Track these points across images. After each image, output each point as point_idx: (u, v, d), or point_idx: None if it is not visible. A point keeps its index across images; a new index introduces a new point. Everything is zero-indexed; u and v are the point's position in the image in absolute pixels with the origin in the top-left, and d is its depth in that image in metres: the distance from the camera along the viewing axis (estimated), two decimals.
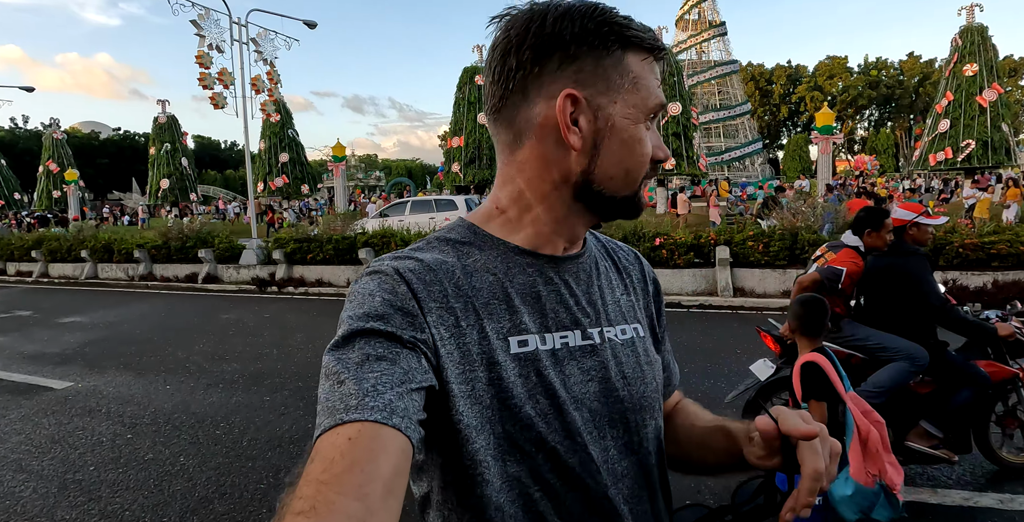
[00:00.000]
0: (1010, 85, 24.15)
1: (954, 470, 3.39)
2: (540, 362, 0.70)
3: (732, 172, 43.55)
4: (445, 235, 0.77)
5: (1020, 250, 7.84)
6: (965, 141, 20.30)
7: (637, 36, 0.70)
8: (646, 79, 0.71)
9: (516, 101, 0.72)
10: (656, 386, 0.82)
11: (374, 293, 0.66)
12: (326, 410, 0.57)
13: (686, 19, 46.36)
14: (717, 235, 9.30)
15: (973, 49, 20.40)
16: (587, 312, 0.77)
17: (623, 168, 0.72)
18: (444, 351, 0.66)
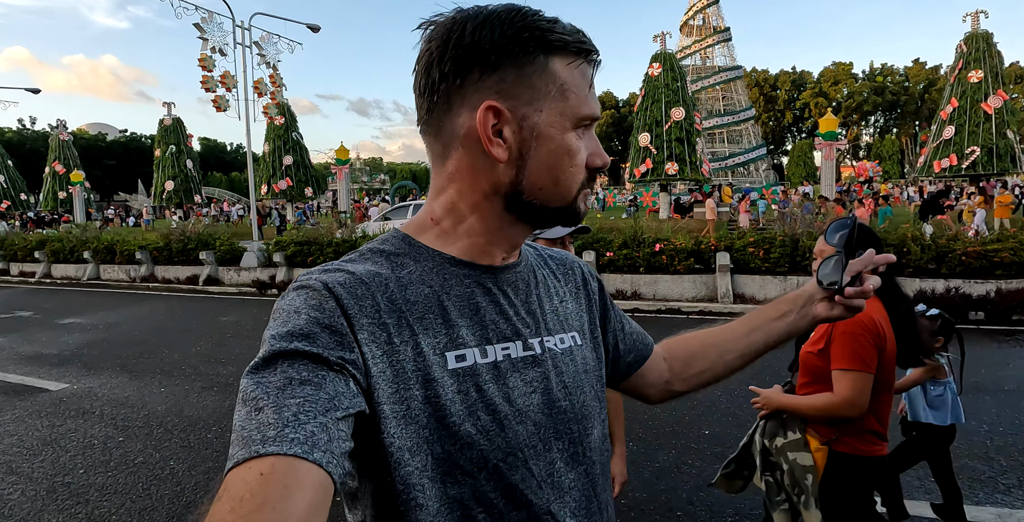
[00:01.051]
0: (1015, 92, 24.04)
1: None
2: (479, 377, 0.68)
3: (736, 178, 43.45)
4: (379, 246, 0.75)
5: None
6: (970, 148, 20.19)
7: (561, 39, 0.67)
8: (575, 85, 0.69)
9: (441, 113, 0.70)
10: (595, 394, 0.81)
11: (300, 310, 0.62)
12: (240, 440, 0.52)
13: (690, 24, 46.40)
14: (717, 241, 9.25)
15: (978, 56, 20.32)
16: (527, 322, 0.75)
17: (552, 178, 0.70)
18: (376, 370, 0.62)
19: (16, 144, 53.08)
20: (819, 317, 0.89)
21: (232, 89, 13.27)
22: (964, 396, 4.62)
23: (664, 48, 22.39)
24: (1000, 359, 5.81)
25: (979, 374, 5.29)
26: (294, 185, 28.43)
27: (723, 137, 45.55)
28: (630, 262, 9.28)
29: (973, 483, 3.34)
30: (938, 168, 21.30)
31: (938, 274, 8.10)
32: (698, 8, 45.43)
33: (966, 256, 7.95)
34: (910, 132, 61.27)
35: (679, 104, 21.53)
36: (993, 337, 6.74)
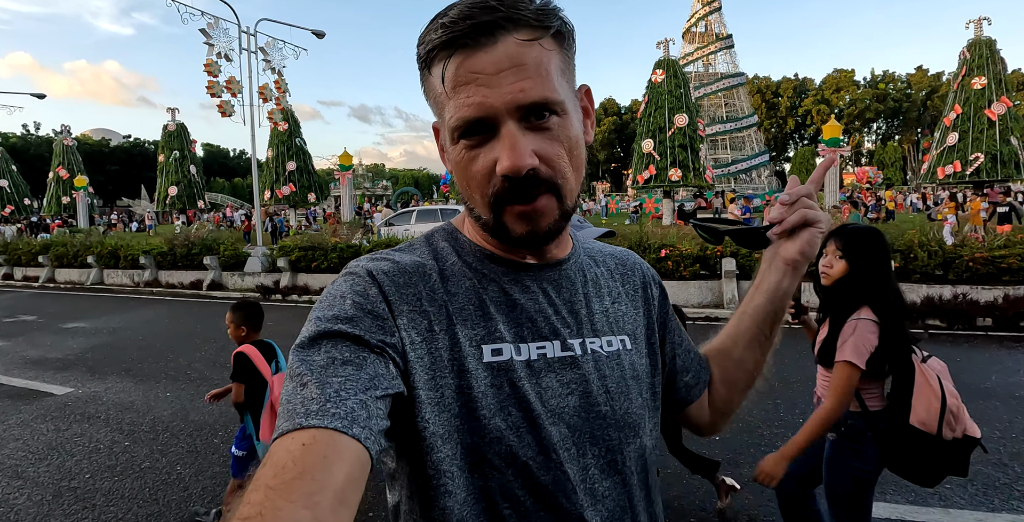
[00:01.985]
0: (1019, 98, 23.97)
1: (967, 489, 3.31)
2: (514, 372, 0.67)
3: (739, 184, 43.47)
4: (429, 237, 0.77)
5: None
6: (974, 154, 20.19)
7: (428, 49, 0.64)
8: (442, 95, 0.64)
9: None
10: (643, 402, 0.77)
11: (345, 295, 0.65)
12: (286, 413, 0.55)
13: (693, 32, 46.54)
14: (723, 247, 9.23)
15: (981, 62, 20.34)
16: (568, 322, 0.73)
17: (466, 191, 0.69)
18: (414, 355, 0.63)
19: (20, 149, 53.32)
20: (784, 258, 0.84)
21: (237, 94, 13.31)
22: (975, 403, 4.62)
23: (667, 55, 22.46)
24: (1010, 366, 5.77)
25: (989, 381, 5.26)
26: (297, 191, 28.51)
27: (726, 144, 45.58)
28: None
29: (988, 490, 3.31)
30: (942, 174, 21.29)
31: (945, 280, 8.06)
32: (700, 15, 45.57)
33: (973, 262, 7.91)
34: (912, 139, 61.32)
35: (682, 110, 21.57)
36: (1002, 343, 6.71)
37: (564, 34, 0.66)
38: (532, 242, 0.68)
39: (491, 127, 0.62)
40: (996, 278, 7.85)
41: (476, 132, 0.63)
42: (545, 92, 0.61)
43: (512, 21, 0.60)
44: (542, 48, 0.62)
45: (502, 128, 0.62)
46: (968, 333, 7.25)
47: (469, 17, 0.60)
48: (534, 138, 0.62)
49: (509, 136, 0.61)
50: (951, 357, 6.08)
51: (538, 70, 0.61)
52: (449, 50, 0.61)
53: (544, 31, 0.63)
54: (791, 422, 4.34)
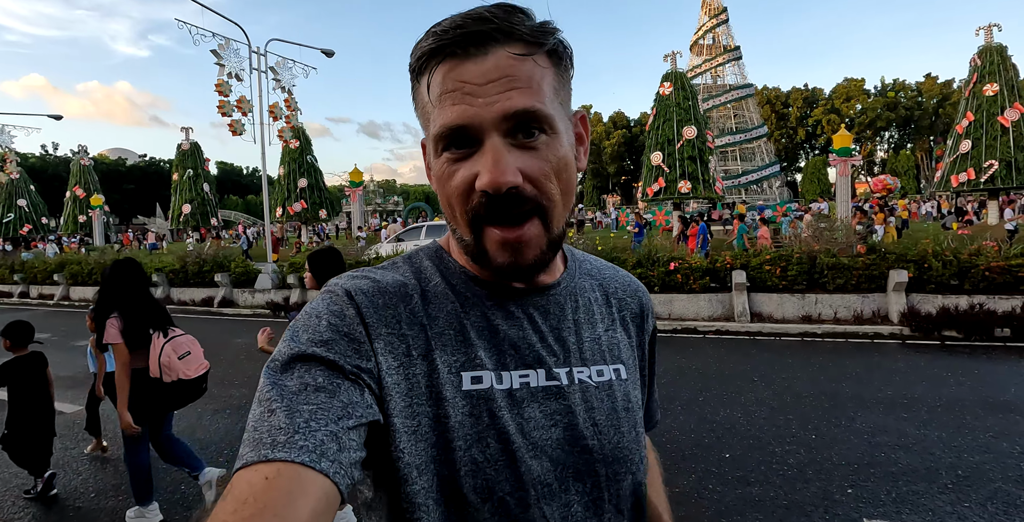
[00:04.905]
0: None
1: (987, 508, 3.19)
2: (494, 402, 0.63)
3: (749, 195, 43.25)
4: (413, 255, 0.74)
5: None
6: (988, 162, 19.98)
7: (418, 57, 0.62)
8: (428, 104, 0.62)
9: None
10: (636, 436, 0.73)
11: (321, 315, 0.62)
12: (251, 441, 0.52)
13: (700, 44, 46.66)
14: (733, 259, 9.15)
15: (993, 69, 20.22)
16: (554, 351, 0.69)
17: (447, 208, 0.65)
18: (390, 381, 0.61)
19: (39, 169, 54.36)
20: None
21: (248, 113, 13.50)
22: (994, 416, 4.50)
23: (675, 67, 22.50)
24: None
25: (1008, 393, 5.13)
26: (309, 207, 28.75)
27: (736, 155, 45.44)
28: (644, 281, 9.18)
29: (1009, 509, 3.19)
30: (956, 183, 21.08)
31: (961, 290, 7.92)
32: (708, 28, 45.72)
33: (989, 271, 7.77)
34: (925, 147, 60.82)
35: (691, 122, 21.55)
36: (1021, 354, 6.55)
37: (560, 54, 0.63)
38: (515, 274, 0.64)
39: (475, 141, 0.59)
40: (1014, 287, 7.70)
41: (459, 144, 0.60)
42: (534, 102, 0.58)
43: (506, 34, 0.58)
44: (535, 64, 0.60)
45: (486, 141, 0.59)
46: (986, 344, 7.09)
47: (461, 26, 0.58)
48: (520, 155, 0.59)
49: (493, 150, 0.58)
50: (969, 369, 5.95)
51: (529, 82, 0.59)
52: (438, 58, 0.59)
53: (538, 47, 0.60)
54: (803, 438, 4.24)
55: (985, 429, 4.31)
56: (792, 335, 8.00)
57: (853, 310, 8.35)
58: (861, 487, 3.47)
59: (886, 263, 8.25)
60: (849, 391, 5.35)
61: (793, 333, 8.05)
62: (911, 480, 3.55)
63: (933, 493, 3.38)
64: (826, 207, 27.76)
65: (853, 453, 3.97)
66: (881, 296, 8.27)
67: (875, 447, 4.05)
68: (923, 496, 3.35)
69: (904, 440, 4.15)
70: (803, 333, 8.02)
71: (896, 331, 7.72)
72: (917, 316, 7.70)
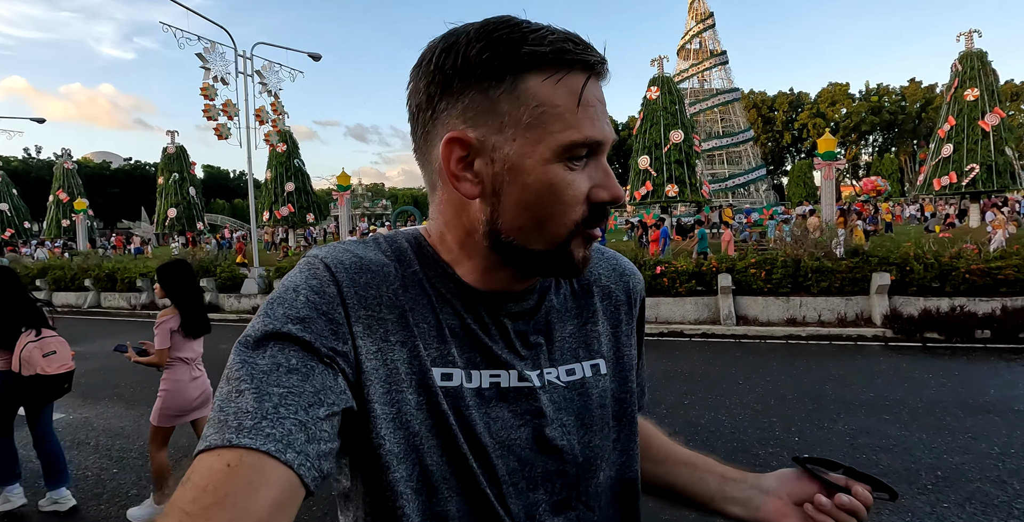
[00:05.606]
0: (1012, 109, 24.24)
1: (965, 508, 3.24)
2: (463, 400, 0.63)
3: (736, 199, 43.58)
4: (393, 236, 0.71)
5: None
6: (969, 165, 20.29)
7: (533, 53, 0.57)
8: (557, 107, 0.58)
9: (423, 144, 0.66)
10: (609, 431, 0.73)
11: (299, 289, 0.60)
12: (217, 422, 0.50)
13: (687, 48, 47.00)
14: (719, 263, 9.22)
15: (973, 74, 20.55)
16: (525, 354, 0.69)
17: (533, 217, 0.61)
18: (369, 366, 0.59)
19: (22, 173, 53.66)
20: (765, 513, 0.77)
21: (234, 117, 13.42)
22: (974, 417, 4.57)
23: (662, 72, 22.68)
24: (1009, 379, 5.71)
25: (987, 394, 5.20)
26: (296, 211, 28.61)
27: (722, 158, 45.77)
28: None
29: (987, 509, 3.24)
30: (938, 186, 21.39)
31: (942, 292, 8.04)
32: (695, 32, 46.07)
33: (970, 274, 7.90)
34: (908, 151, 61.60)
35: (678, 127, 21.71)
36: (1001, 356, 6.65)
37: None
38: (582, 269, 0.65)
39: (589, 156, 0.61)
40: (993, 289, 7.83)
41: (581, 157, 0.60)
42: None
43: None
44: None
45: (601, 159, 0.62)
46: (966, 346, 7.20)
47: (589, 46, 0.60)
48: None
49: (606, 167, 0.62)
50: (949, 371, 6.03)
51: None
52: (569, 67, 0.59)
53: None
54: (787, 441, 4.28)
55: (964, 430, 4.38)
56: (777, 338, 8.07)
57: (837, 313, 8.43)
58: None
59: (869, 266, 8.35)
60: (832, 393, 5.40)
61: (778, 336, 8.12)
62: (892, 481, 3.54)
63: (913, 494, 3.43)
64: (812, 210, 28.01)
65: (835, 455, 3.99)
66: (864, 299, 8.36)
67: (857, 449, 4.10)
68: (903, 497, 3.39)
69: (886, 442, 4.20)
70: (788, 336, 8.10)
71: (879, 333, 7.81)
72: (899, 318, 7.80)
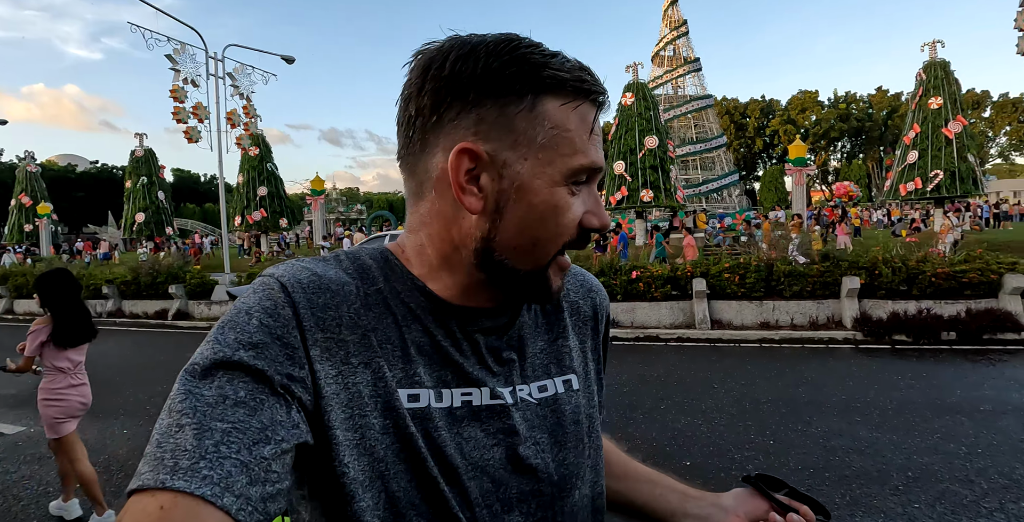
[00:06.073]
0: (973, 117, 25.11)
1: (935, 508, 3.29)
2: (432, 422, 0.61)
3: (710, 203, 44.20)
4: (356, 253, 0.68)
5: (991, 278, 7.94)
6: (934, 172, 20.85)
7: (554, 77, 0.59)
8: (569, 130, 0.60)
9: (416, 150, 0.64)
10: (582, 449, 0.72)
11: (252, 312, 0.57)
12: (152, 459, 0.48)
13: (662, 55, 47.63)
14: (693, 267, 9.30)
15: (937, 83, 21.15)
16: (497, 370, 0.67)
17: (531, 237, 0.61)
18: (329, 391, 0.57)
19: None
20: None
21: (204, 120, 13.18)
22: (942, 418, 4.66)
23: (636, 78, 22.93)
24: (975, 379, 5.85)
25: (955, 395, 5.32)
26: (269, 216, 28.21)
27: (696, 164, 46.40)
28: (607, 290, 9.25)
29: (956, 509, 3.30)
30: (904, 191, 21.93)
31: (910, 295, 8.22)
32: (669, 40, 46.71)
33: (935, 277, 8.09)
34: (875, 157, 63.16)
35: (652, 132, 21.95)
36: (966, 357, 6.82)
37: None
38: (555, 297, 0.67)
39: (587, 181, 0.63)
40: (958, 292, 8.03)
41: (581, 182, 0.63)
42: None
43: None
44: None
45: (594, 185, 0.65)
46: (933, 348, 7.36)
47: (599, 80, 0.63)
48: None
49: (597, 195, 0.65)
50: (917, 372, 6.16)
51: None
52: (584, 96, 0.61)
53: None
54: (762, 445, 4.31)
55: (933, 431, 4.46)
56: (751, 341, 8.16)
57: (809, 316, 8.57)
58: (816, 491, 3.53)
59: (839, 270, 8.51)
60: (805, 396, 5.47)
61: (752, 339, 8.22)
62: (864, 483, 3.64)
63: (885, 495, 3.47)
64: (783, 215, 28.54)
65: (809, 458, 4.06)
66: (835, 302, 8.51)
67: (830, 451, 4.15)
68: (875, 498, 3.43)
69: (857, 443, 4.26)
70: (761, 339, 8.20)
71: (849, 336, 7.95)
72: (869, 321, 7.95)
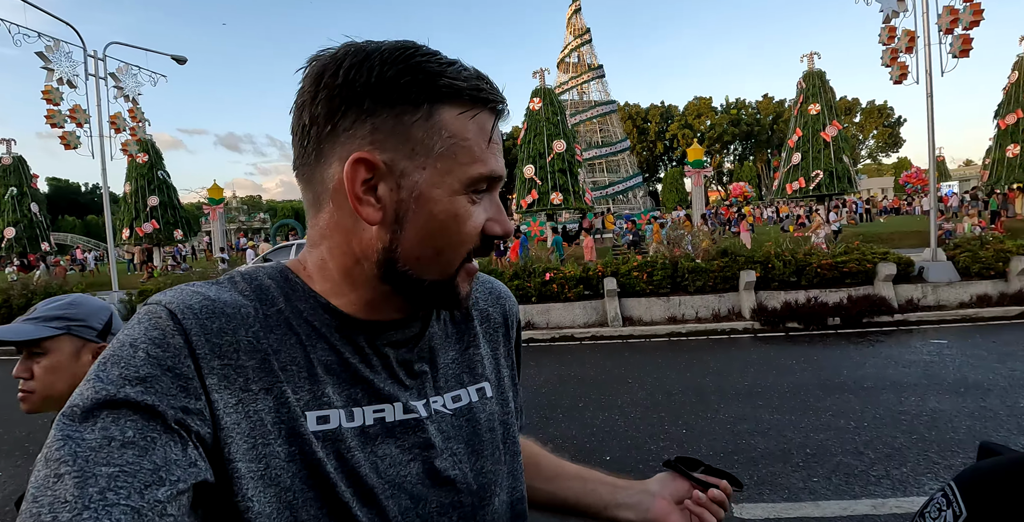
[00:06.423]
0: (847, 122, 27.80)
1: (831, 481, 3.55)
2: (344, 442, 0.58)
3: (616, 205, 45.80)
4: (252, 274, 0.64)
5: (867, 267, 8.75)
6: (815, 172, 22.76)
7: (451, 85, 0.58)
8: (467, 139, 0.59)
9: (311, 160, 0.61)
10: (500, 456, 0.71)
11: (138, 344, 0.52)
12: (29, 517, 0.42)
13: (567, 62, 48.90)
14: (604, 267, 9.58)
15: (815, 91, 23.13)
16: (409, 383, 0.65)
17: (432, 247, 0.60)
18: (229, 421, 0.53)
19: None
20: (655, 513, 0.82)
21: (84, 125, 12.10)
22: (832, 397, 5.05)
23: (543, 84, 23.39)
24: (858, 359, 6.40)
25: (842, 375, 5.79)
26: (161, 228, 26.35)
27: (603, 167, 47.94)
28: (522, 293, 9.36)
29: (849, 478, 3.57)
30: (790, 190, 23.80)
31: (799, 286, 8.89)
32: (573, 47, 48.03)
33: (821, 268, 8.82)
34: (764, 159, 67.90)
35: (560, 137, 22.47)
36: (850, 340, 7.44)
37: None
38: (465, 304, 0.66)
39: (488, 189, 0.63)
40: (840, 281, 8.79)
41: (483, 190, 0.62)
42: None
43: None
44: None
45: (495, 193, 0.64)
46: (821, 332, 7.99)
47: (497, 88, 0.62)
48: None
49: (499, 202, 0.64)
50: (809, 356, 6.65)
51: None
52: (482, 105, 0.61)
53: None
54: (675, 434, 4.49)
55: (826, 409, 4.82)
56: (660, 336, 8.51)
57: (712, 309, 9.06)
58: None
59: (737, 265, 9.06)
60: (712, 385, 5.76)
61: (661, 334, 8.57)
62: (769, 462, 3.87)
63: (788, 472, 3.71)
64: (684, 214, 30.06)
65: (719, 443, 4.27)
66: (735, 295, 9.05)
67: (737, 435, 4.39)
68: (780, 476, 3.66)
69: (761, 426, 4.53)
70: (670, 333, 8.57)
71: (749, 326, 8.47)
72: (765, 311, 8.52)
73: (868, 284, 8.79)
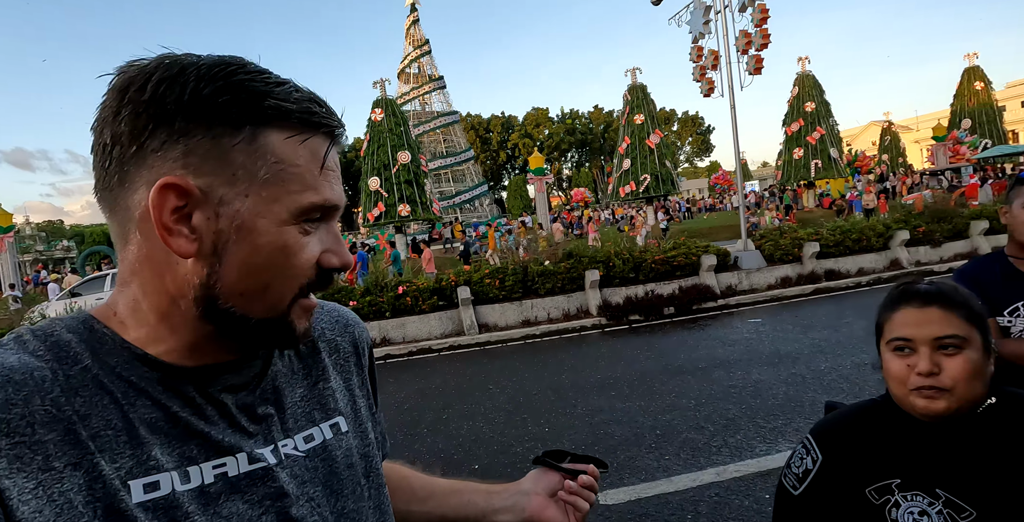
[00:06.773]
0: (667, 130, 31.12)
1: (680, 456, 3.85)
2: (179, 509, 0.50)
3: (464, 214, 46.46)
4: (45, 330, 0.54)
5: (693, 260, 9.71)
6: (643, 176, 24.93)
7: (278, 107, 0.53)
8: (297, 166, 0.54)
9: (114, 184, 0.53)
10: (362, 492, 0.66)
11: None
12: None
13: (407, 72, 48.81)
14: (457, 276, 9.63)
15: (639, 102, 25.38)
16: (253, 429, 0.59)
17: (258, 281, 0.54)
18: (27, 510, 0.44)
19: None
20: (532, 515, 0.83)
21: None
22: (674, 380, 5.50)
23: (384, 95, 23.04)
24: (692, 344, 7.05)
25: (680, 359, 6.34)
26: None
27: (448, 177, 48.42)
28: (375, 308, 9.10)
29: (695, 452, 3.90)
30: (623, 193, 25.87)
31: (638, 281, 9.62)
32: (413, 58, 48.03)
33: (655, 263, 9.62)
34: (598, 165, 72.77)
35: (404, 148, 22.26)
36: (683, 326, 8.19)
37: None
38: (301, 341, 0.60)
39: (323, 219, 0.58)
40: (672, 274, 9.67)
41: (317, 219, 0.57)
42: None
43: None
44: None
45: (332, 223, 0.60)
46: (659, 322, 8.71)
47: (333, 112, 0.58)
48: None
49: (337, 232, 0.61)
50: (651, 345, 7.20)
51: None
52: (314, 129, 0.56)
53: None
54: (538, 433, 4.61)
55: (669, 391, 5.24)
56: (516, 340, 8.73)
57: (562, 309, 9.48)
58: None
59: (582, 265, 9.58)
60: (568, 381, 6.01)
61: (517, 338, 8.79)
62: (626, 448, 4.12)
63: (642, 454, 3.97)
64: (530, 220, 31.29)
65: (579, 435, 4.46)
66: (582, 294, 9.55)
67: (595, 426, 4.61)
68: (636, 459, 3.90)
69: (616, 415, 4.80)
70: (525, 336, 8.82)
71: (596, 322, 8.98)
72: (610, 307, 9.10)
73: (695, 275, 9.75)
